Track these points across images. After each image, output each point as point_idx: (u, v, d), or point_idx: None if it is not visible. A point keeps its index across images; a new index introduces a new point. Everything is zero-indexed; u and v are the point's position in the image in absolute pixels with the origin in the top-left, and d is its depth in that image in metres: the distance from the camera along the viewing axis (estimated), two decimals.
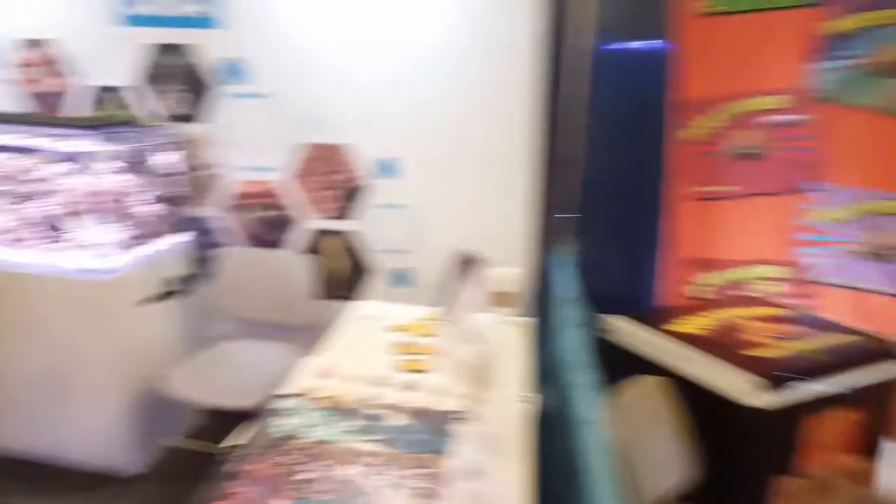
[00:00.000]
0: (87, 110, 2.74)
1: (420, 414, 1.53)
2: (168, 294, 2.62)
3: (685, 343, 1.88)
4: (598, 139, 2.28)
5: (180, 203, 2.72)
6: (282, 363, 2.51)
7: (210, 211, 2.76)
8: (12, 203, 2.47)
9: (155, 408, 2.53)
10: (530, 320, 2.08)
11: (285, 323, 2.69)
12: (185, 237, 2.75)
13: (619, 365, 1.78)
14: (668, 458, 1.72)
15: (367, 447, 1.38)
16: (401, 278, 2.68)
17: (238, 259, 2.75)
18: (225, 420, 2.39)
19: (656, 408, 1.77)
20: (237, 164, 2.69)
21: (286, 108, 2.56)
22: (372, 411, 1.53)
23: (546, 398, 1.69)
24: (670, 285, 2.43)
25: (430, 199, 2.56)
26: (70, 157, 2.49)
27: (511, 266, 2.04)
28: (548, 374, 1.76)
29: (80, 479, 2.46)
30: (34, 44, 2.72)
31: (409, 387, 1.67)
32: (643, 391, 1.80)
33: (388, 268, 2.68)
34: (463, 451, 1.36)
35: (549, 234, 2.30)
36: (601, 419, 1.25)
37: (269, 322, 2.72)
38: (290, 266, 2.69)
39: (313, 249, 2.72)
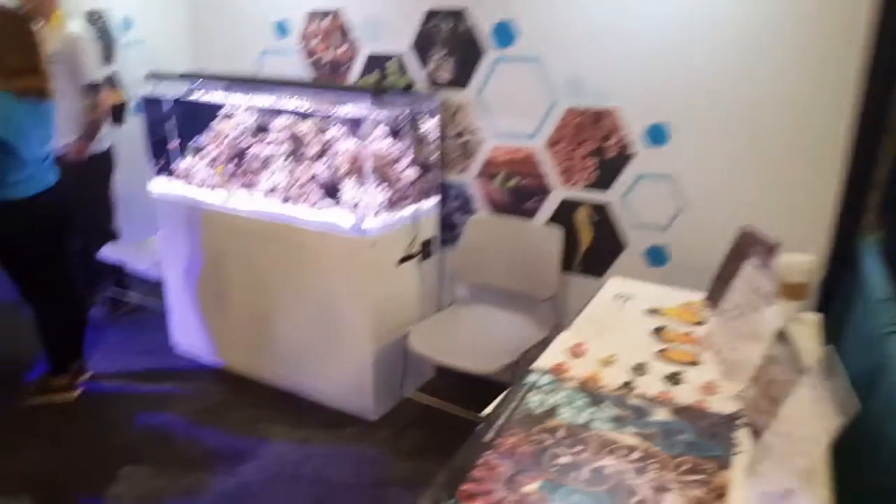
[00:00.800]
0: (363, 77, 2.91)
1: (687, 412, 1.32)
2: (418, 255, 2.70)
3: None
4: None
5: (436, 168, 2.77)
6: (522, 333, 2.46)
7: (463, 177, 2.78)
8: (294, 163, 2.71)
9: (397, 361, 2.64)
10: (823, 318, 1.73)
11: (526, 293, 2.62)
12: (437, 201, 2.80)
13: None
14: None
15: (627, 440, 1.22)
16: (657, 256, 2.44)
17: (484, 225, 2.74)
18: (461, 381, 2.41)
19: None
20: (494, 130, 2.65)
21: (550, 72, 2.45)
22: (631, 401, 1.36)
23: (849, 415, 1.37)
24: None
25: (699, 170, 2.27)
26: (345, 122, 2.67)
27: (801, 252, 1.70)
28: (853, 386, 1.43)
29: (328, 416, 2.66)
30: (321, 15, 2.94)
31: (671, 379, 1.47)
32: None
33: (643, 244, 2.46)
34: (748, 464, 1.14)
35: (856, 217, 1.90)
36: None
37: (509, 291, 2.67)
38: (537, 236, 2.60)
39: (563, 220, 2.59)
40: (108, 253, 3.28)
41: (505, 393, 1.38)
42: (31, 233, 2.49)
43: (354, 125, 2.52)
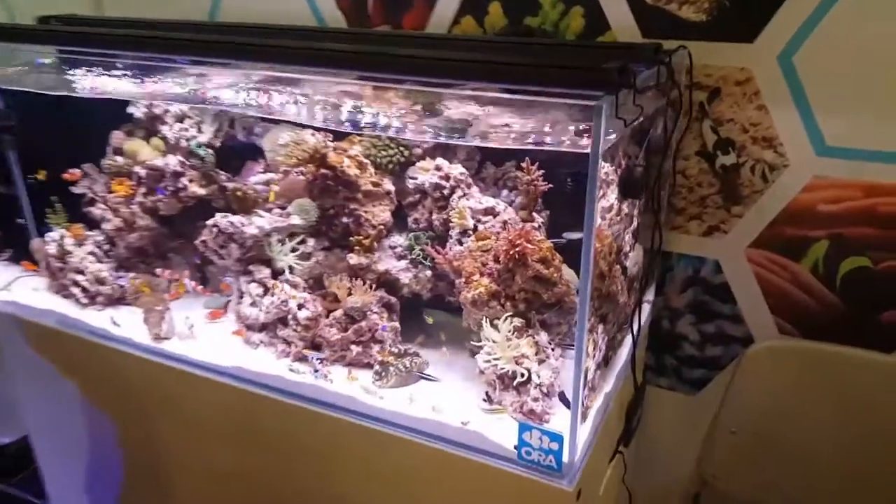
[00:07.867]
0: (462, 17, 1.23)
1: None
2: (622, 441, 1.13)
3: None
4: None
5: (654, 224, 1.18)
6: None
7: (712, 245, 1.19)
8: (332, 252, 1.07)
9: None
10: None
11: None
12: (649, 302, 1.22)
13: None
14: None
15: None
16: None
17: (783, 366, 1.16)
18: None
19: None
20: (817, 144, 1.06)
21: None
22: None
23: None
24: None
25: None
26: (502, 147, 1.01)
27: None
28: None
29: None
30: None
31: None
32: None
33: None
34: None
35: None
36: None
37: None
38: None
39: None
40: None
41: None
42: None
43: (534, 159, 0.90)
